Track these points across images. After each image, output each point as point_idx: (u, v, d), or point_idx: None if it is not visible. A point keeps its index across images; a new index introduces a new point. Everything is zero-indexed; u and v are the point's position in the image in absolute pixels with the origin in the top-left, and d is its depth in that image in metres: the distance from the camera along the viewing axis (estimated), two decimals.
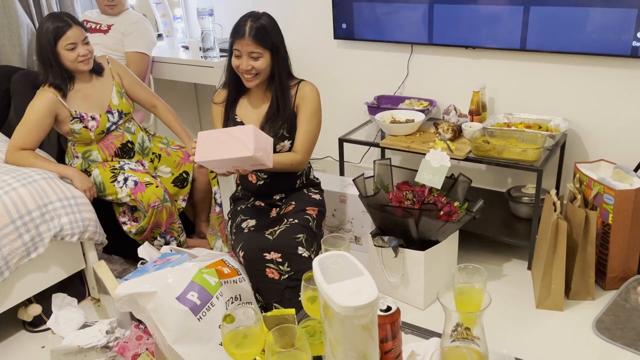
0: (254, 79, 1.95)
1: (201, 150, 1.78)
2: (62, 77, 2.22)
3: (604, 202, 2.09)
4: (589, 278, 2.12)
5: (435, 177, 2.12)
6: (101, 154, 2.36)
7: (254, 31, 1.88)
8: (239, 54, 1.92)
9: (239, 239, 1.98)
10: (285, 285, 1.91)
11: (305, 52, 3.14)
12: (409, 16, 2.69)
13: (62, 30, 2.16)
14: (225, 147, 1.74)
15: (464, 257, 2.40)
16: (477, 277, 1.13)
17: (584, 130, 2.49)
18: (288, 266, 1.90)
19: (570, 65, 2.43)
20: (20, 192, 1.98)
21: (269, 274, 1.90)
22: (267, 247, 1.91)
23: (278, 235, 1.93)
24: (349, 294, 0.91)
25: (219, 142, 1.76)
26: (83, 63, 2.22)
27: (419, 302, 2.16)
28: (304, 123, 2.03)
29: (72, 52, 2.18)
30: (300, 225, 1.97)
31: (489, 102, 2.65)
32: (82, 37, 2.21)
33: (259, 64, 1.92)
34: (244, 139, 1.72)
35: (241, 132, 1.74)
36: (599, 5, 2.23)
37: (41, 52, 2.20)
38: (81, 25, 2.22)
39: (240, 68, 1.93)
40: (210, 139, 1.78)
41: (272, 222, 2.05)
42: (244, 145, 1.71)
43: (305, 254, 1.93)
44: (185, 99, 3.71)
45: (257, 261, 1.91)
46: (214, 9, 2.99)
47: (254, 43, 1.89)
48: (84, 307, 2.25)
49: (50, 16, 2.20)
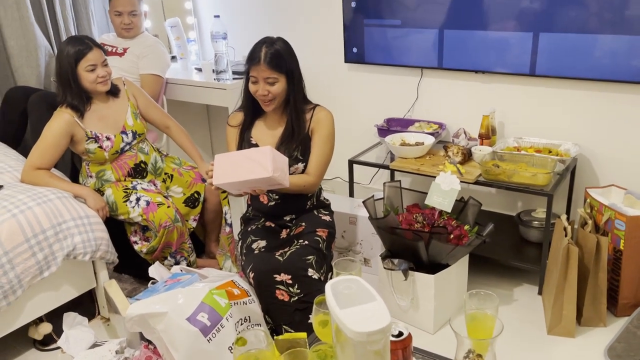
0: (271, 103, 1.99)
1: (219, 173, 1.80)
2: (80, 98, 2.27)
3: (615, 228, 2.08)
4: (600, 304, 2.10)
5: (445, 200, 2.13)
6: (114, 174, 2.39)
7: (268, 57, 1.92)
8: (256, 80, 1.95)
9: (250, 260, 1.99)
10: (295, 308, 1.91)
11: (317, 75, 3.18)
12: (419, 41, 2.73)
13: (83, 53, 2.21)
14: (243, 169, 1.76)
15: (474, 281, 2.39)
16: (489, 303, 1.13)
17: (595, 155, 2.49)
18: (298, 288, 1.91)
19: (581, 91, 2.45)
20: (35, 211, 2.01)
21: (278, 295, 1.91)
22: (277, 268, 1.91)
23: (288, 257, 1.93)
24: (362, 320, 0.92)
25: (237, 164, 1.78)
26: (101, 84, 2.27)
27: (428, 326, 2.15)
28: (318, 147, 2.06)
29: (92, 74, 2.24)
30: (310, 247, 1.98)
31: (499, 126, 2.67)
32: (102, 59, 2.26)
33: (275, 88, 1.95)
34: (262, 160, 1.74)
35: (258, 154, 1.77)
36: (608, 32, 2.25)
37: (61, 74, 2.25)
38: (101, 48, 2.28)
39: (257, 94, 1.97)
40: (227, 162, 1.81)
41: (282, 243, 2.06)
42: (262, 166, 1.74)
43: (315, 276, 1.93)
44: (198, 121, 3.76)
45: (267, 282, 1.91)
46: (228, 32, 3.05)
47: (269, 69, 1.92)
48: (93, 327, 2.26)
49: (72, 39, 2.26)
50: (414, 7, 2.69)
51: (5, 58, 2.89)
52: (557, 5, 2.33)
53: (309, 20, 3.12)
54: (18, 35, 2.83)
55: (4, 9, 2.77)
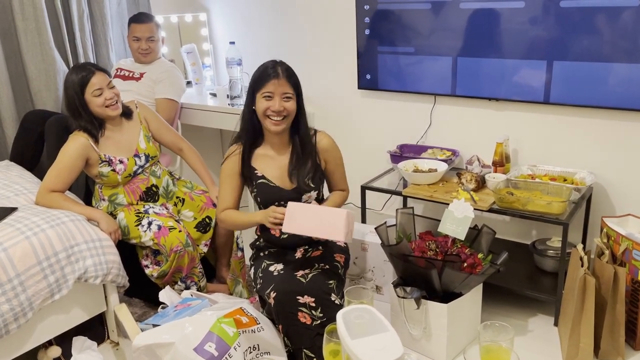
0: (282, 122, 1.96)
1: (290, 222, 1.85)
2: (93, 124, 2.29)
3: (633, 259, 2.04)
4: (619, 337, 2.04)
5: (458, 228, 2.10)
6: (127, 197, 2.40)
7: (287, 72, 1.94)
8: (271, 95, 1.93)
9: (269, 281, 1.95)
10: (317, 332, 1.85)
11: (330, 101, 3.21)
12: (432, 68, 2.74)
13: (86, 79, 2.24)
14: (315, 227, 1.84)
15: (488, 311, 2.35)
16: (504, 335, 1.11)
17: (611, 183, 2.46)
18: (321, 312, 1.86)
19: (596, 119, 2.43)
20: (48, 234, 2.02)
21: (300, 318, 1.86)
22: (300, 290, 1.88)
23: (311, 279, 1.91)
24: (373, 351, 0.90)
25: (310, 219, 1.85)
26: (111, 108, 2.29)
27: (441, 356, 2.11)
28: (339, 166, 2.16)
29: (99, 98, 2.26)
30: (331, 272, 1.96)
31: (513, 154, 2.65)
32: (107, 82, 2.29)
33: (290, 105, 1.95)
34: (336, 222, 1.83)
35: (333, 215, 1.85)
36: (623, 61, 2.25)
37: (69, 104, 2.28)
38: (104, 71, 2.31)
39: (271, 109, 1.94)
40: (300, 213, 1.86)
41: (300, 264, 2.02)
42: (335, 229, 1.83)
43: (337, 301, 1.90)
44: (211, 145, 3.79)
45: (290, 304, 1.87)
46: (242, 58, 3.09)
47: (288, 83, 1.94)
48: (102, 351, 2.24)
49: (74, 68, 2.30)
50: (427, 34, 2.71)
51: (25, 82, 2.95)
52: (571, 33, 2.33)
53: (324, 47, 3.15)
54: (37, 60, 2.89)
55: (25, 34, 2.84)
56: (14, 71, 2.91)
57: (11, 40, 2.88)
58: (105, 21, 3.20)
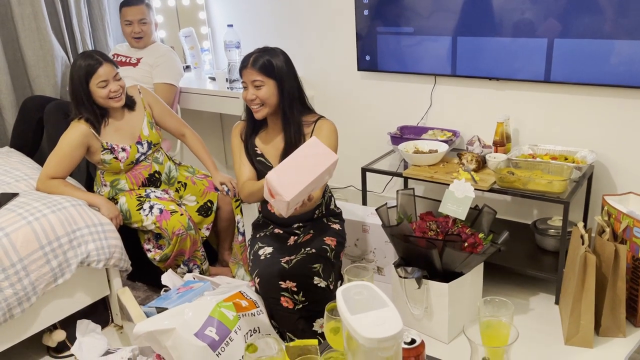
0: (260, 109, 1.98)
1: (285, 186, 1.56)
2: (95, 114, 2.27)
3: (634, 236, 2.04)
4: (619, 314, 2.05)
5: (459, 208, 2.10)
6: (129, 183, 2.40)
7: (256, 60, 1.94)
8: (246, 85, 1.97)
9: (255, 266, 2.00)
10: (299, 315, 1.90)
11: (330, 83, 3.19)
12: (432, 48, 2.72)
13: (93, 68, 2.21)
14: (308, 169, 1.57)
15: (489, 290, 2.36)
16: (504, 310, 1.11)
17: (612, 162, 2.45)
18: (303, 296, 1.90)
19: (597, 97, 2.42)
20: (50, 219, 2.03)
21: (283, 302, 1.90)
22: (282, 275, 1.90)
23: (294, 264, 1.93)
24: (373, 326, 0.90)
25: (297, 168, 1.58)
26: (114, 100, 2.27)
27: (443, 335, 2.12)
28: None
29: (104, 90, 2.23)
30: (317, 255, 1.97)
31: (514, 133, 2.64)
32: (113, 74, 2.26)
33: (262, 92, 1.94)
34: (319, 150, 1.60)
35: (311, 148, 1.60)
36: (624, 38, 2.22)
37: (74, 90, 2.26)
38: (112, 62, 2.28)
39: (246, 99, 1.98)
40: (285, 172, 1.59)
41: (289, 250, 2.05)
42: (324, 154, 1.59)
43: (321, 284, 1.92)
44: (211, 129, 3.78)
45: (272, 289, 1.91)
46: (241, 41, 3.07)
47: (255, 71, 1.93)
48: (106, 334, 2.27)
49: (82, 55, 2.27)
50: (427, 14, 2.68)
51: (23, 68, 2.93)
52: (572, 10, 2.31)
53: (322, 29, 3.13)
54: (35, 46, 2.88)
55: (22, 20, 2.82)
56: (12, 57, 2.90)
57: (8, 26, 2.86)
58: (102, 6, 3.17)
